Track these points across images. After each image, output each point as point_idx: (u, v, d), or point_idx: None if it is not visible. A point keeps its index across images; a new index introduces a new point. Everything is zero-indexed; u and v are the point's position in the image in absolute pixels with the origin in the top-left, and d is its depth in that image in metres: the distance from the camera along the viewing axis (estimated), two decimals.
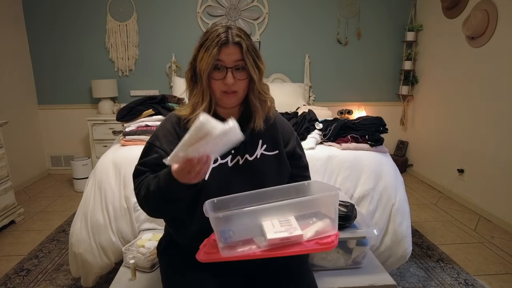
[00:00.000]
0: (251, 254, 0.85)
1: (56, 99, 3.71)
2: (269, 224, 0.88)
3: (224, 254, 0.86)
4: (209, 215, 0.85)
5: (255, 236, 0.89)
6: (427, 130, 3.59)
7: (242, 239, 0.89)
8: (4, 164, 2.47)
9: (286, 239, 0.85)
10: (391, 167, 1.79)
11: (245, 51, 0.95)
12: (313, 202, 0.95)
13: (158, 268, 1.30)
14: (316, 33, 3.74)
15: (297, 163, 1.16)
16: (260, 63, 1.00)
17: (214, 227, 0.85)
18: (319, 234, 0.89)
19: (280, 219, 0.90)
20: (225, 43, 0.94)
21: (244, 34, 0.98)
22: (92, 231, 1.56)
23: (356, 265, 1.33)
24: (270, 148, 1.08)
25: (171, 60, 3.66)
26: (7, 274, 1.93)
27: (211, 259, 0.88)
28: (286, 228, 0.87)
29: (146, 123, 1.96)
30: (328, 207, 0.93)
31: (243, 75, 0.98)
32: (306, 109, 2.36)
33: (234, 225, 0.86)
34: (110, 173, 1.65)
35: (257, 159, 1.06)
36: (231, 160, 1.04)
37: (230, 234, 0.87)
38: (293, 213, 0.91)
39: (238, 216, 0.87)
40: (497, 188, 2.59)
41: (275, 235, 0.84)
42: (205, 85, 0.98)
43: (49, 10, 3.52)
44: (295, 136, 1.19)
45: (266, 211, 0.89)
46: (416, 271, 1.96)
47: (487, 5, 2.63)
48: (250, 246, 0.88)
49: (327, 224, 0.91)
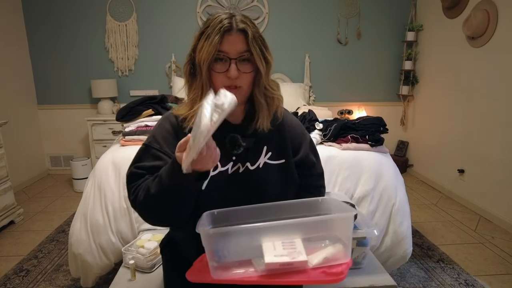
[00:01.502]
0: (246, 279, 0.75)
1: (56, 99, 3.70)
2: (270, 245, 0.77)
3: (216, 276, 0.76)
4: (199, 230, 0.74)
5: (254, 257, 0.78)
6: (427, 130, 3.58)
7: (239, 260, 0.78)
8: (3, 164, 2.46)
9: (288, 264, 0.74)
10: (391, 167, 1.79)
11: (251, 40, 0.84)
12: (323, 224, 0.83)
13: (157, 269, 1.30)
14: (316, 33, 3.74)
15: (310, 171, 1.05)
16: (268, 54, 0.88)
17: (205, 244, 0.75)
18: (328, 261, 0.77)
19: (284, 240, 0.78)
20: (228, 30, 0.83)
21: (249, 21, 0.87)
22: (91, 232, 1.56)
23: (356, 265, 1.33)
24: (276, 156, 0.97)
25: (171, 60, 3.66)
26: (7, 274, 1.93)
27: (201, 280, 0.79)
28: (289, 251, 0.76)
29: (145, 123, 1.96)
30: (341, 230, 0.81)
31: (249, 67, 0.87)
32: (306, 109, 2.36)
33: (229, 244, 0.76)
34: (109, 173, 1.65)
35: (258, 168, 0.94)
36: (231, 168, 0.93)
37: (225, 253, 0.77)
38: (299, 234, 0.79)
39: (234, 234, 0.76)
40: (498, 188, 2.59)
41: (275, 259, 0.74)
42: (205, 77, 0.86)
43: (49, 10, 3.51)
44: (308, 139, 1.06)
45: (267, 230, 0.78)
46: (416, 271, 1.96)
47: (487, 5, 2.63)
48: (247, 268, 0.77)
49: (338, 250, 0.79)
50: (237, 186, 0.93)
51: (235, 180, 0.93)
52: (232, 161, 0.93)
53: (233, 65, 0.84)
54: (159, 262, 1.32)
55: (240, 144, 0.90)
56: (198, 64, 0.87)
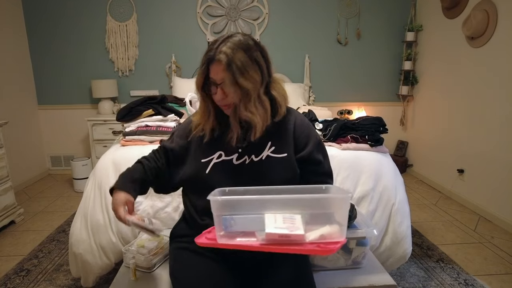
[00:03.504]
0: (247, 245, 0.85)
1: (56, 99, 3.71)
2: (272, 217, 0.86)
3: (221, 241, 0.86)
4: (210, 197, 0.86)
5: (257, 230, 0.87)
6: (427, 130, 3.59)
7: (244, 231, 0.87)
8: (4, 164, 2.47)
9: (286, 236, 0.82)
10: (391, 167, 1.79)
11: (224, 69, 0.94)
12: (321, 202, 0.91)
13: (158, 268, 1.30)
14: (316, 33, 3.74)
15: (316, 168, 1.11)
16: (242, 79, 0.94)
17: (214, 211, 0.85)
18: (324, 238, 0.85)
19: (285, 215, 0.86)
20: (211, 60, 0.96)
21: (235, 47, 0.95)
22: (92, 231, 1.56)
23: (356, 265, 1.33)
24: (279, 150, 1.05)
25: (171, 60, 3.66)
26: (7, 274, 1.93)
27: (208, 244, 0.89)
28: (288, 225, 0.84)
29: (146, 123, 1.96)
30: (338, 210, 0.89)
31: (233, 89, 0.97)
32: (306, 109, 2.36)
33: (235, 213, 0.86)
34: (110, 173, 1.65)
35: (262, 160, 1.04)
36: (237, 159, 1.05)
37: (232, 223, 0.86)
38: (299, 209, 0.87)
39: (240, 204, 0.86)
40: (497, 188, 2.59)
41: (275, 230, 0.82)
42: (201, 100, 1.04)
43: (49, 10, 3.52)
44: (317, 140, 1.12)
45: (270, 203, 0.87)
46: (416, 271, 1.96)
47: (487, 5, 2.63)
48: (249, 238, 0.86)
49: (334, 229, 0.86)
50: (243, 175, 1.04)
51: (242, 170, 1.04)
52: (238, 153, 1.05)
53: (219, 89, 0.97)
54: (159, 261, 1.32)
55: (244, 139, 1.05)
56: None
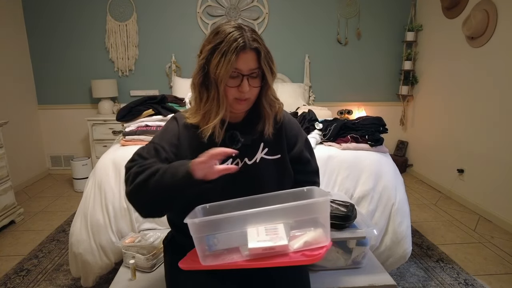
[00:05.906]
0: (232, 264, 0.81)
1: (56, 99, 3.71)
2: (254, 231, 0.82)
3: (205, 263, 0.81)
4: (186, 220, 0.80)
5: (241, 245, 0.83)
6: (427, 130, 3.59)
7: (228, 248, 0.84)
8: (4, 164, 2.46)
9: (270, 249, 0.79)
10: (391, 167, 1.79)
11: (263, 59, 0.91)
12: (301, 208, 0.84)
13: (157, 268, 1.31)
14: (316, 33, 3.74)
15: (305, 168, 1.10)
16: (275, 69, 0.95)
17: (193, 233, 0.81)
18: (309, 244, 0.82)
19: (267, 226, 0.83)
20: (243, 48, 0.88)
21: (258, 36, 0.93)
22: (92, 231, 1.56)
23: (356, 265, 1.33)
24: (272, 152, 1.03)
25: (171, 60, 3.66)
26: (7, 274, 1.93)
27: (192, 267, 0.84)
28: (272, 237, 0.80)
29: (146, 123, 1.96)
30: (319, 214, 0.86)
31: (258, 82, 0.94)
32: (306, 109, 2.36)
33: (218, 233, 0.82)
34: (110, 173, 1.65)
35: (256, 163, 1.01)
36: (231, 163, 1.00)
37: (215, 241, 0.82)
38: (280, 219, 0.84)
39: (220, 223, 0.81)
40: (497, 188, 2.59)
41: (258, 244, 0.79)
42: (222, 93, 0.91)
43: (49, 10, 3.52)
44: (304, 138, 1.12)
45: (251, 217, 0.82)
46: (416, 271, 1.96)
47: (487, 5, 2.63)
48: (234, 255, 0.82)
49: (319, 233, 0.83)
50: (236, 179, 0.95)
51: (235, 175, 0.95)
52: (232, 157, 0.98)
53: (245, 81, 0.91)
54: (159, 261, 1.33)
55: (238, 140, 0.99)
56: (213, 79, 0.91)
